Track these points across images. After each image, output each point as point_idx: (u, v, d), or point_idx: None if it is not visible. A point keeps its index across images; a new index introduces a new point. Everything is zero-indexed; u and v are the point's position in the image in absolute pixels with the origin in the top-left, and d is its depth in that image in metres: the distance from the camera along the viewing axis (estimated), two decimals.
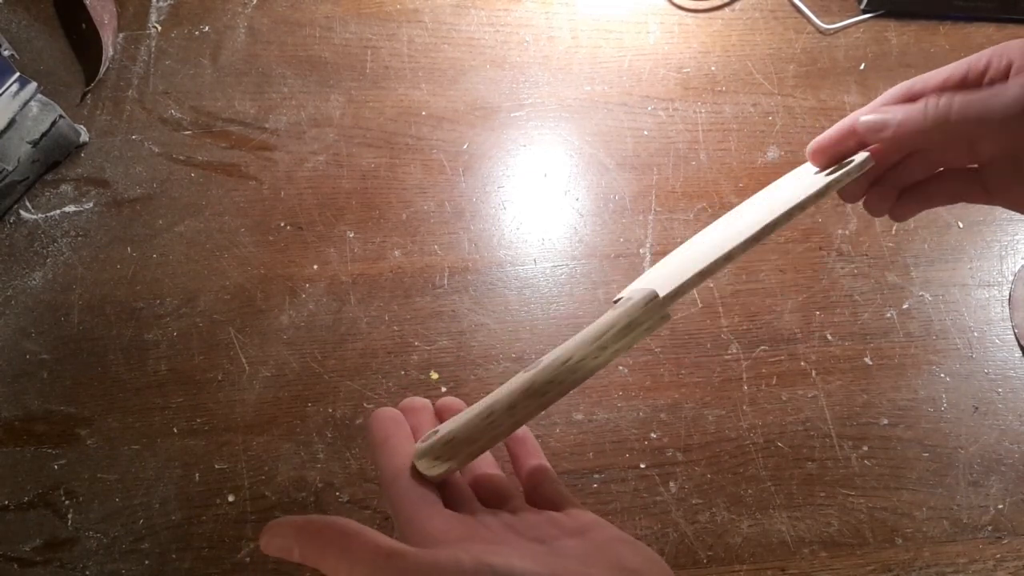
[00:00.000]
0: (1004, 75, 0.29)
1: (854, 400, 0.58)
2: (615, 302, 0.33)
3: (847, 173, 0.32)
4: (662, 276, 0.33)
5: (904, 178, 0.36)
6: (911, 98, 0.32)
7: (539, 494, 0.33)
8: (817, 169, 0.36)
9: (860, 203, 0.38)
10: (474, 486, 0.32)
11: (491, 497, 0.32)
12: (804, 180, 0.36)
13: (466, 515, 0.28)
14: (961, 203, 0.34)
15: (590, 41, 0.72)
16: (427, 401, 0.35)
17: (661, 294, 0.31)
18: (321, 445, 0.56)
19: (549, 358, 0.31)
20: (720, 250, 0.32)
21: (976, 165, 0.34)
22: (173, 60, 0.70)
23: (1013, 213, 0.64)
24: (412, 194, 0.65)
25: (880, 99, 0.33)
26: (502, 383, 0.32)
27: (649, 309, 0.31)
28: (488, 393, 0.32)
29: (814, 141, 0.36)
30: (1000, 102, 0.28)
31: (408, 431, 0.32)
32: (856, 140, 0.34)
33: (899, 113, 0.31)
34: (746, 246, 0.31)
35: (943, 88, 0.31)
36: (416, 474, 0.29)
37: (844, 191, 0.36)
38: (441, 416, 0.35)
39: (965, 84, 0.30)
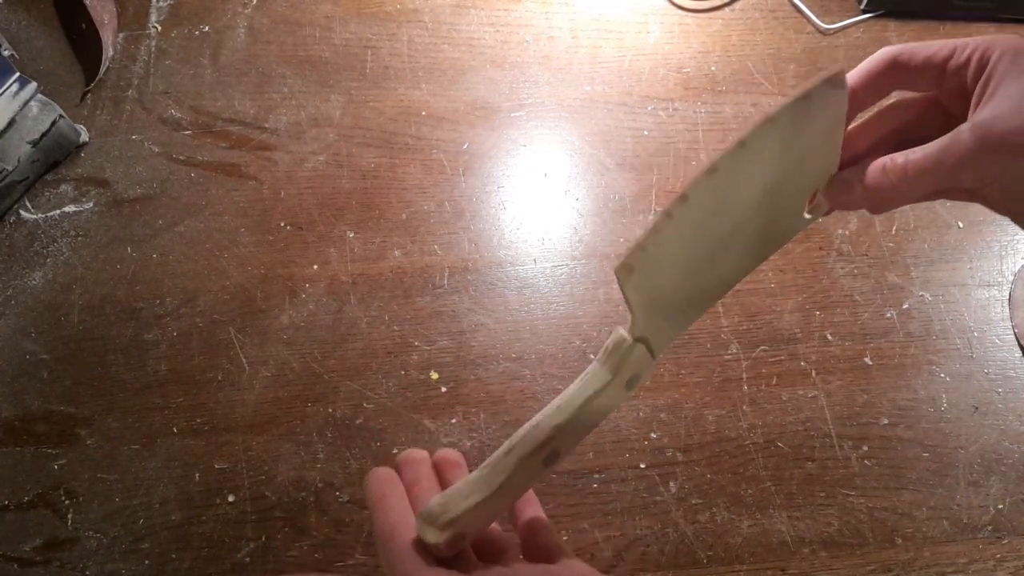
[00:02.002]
0: (977, 78, 0.29)
1: (854, 400, 0.58)
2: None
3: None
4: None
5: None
6: (896, 68, 0.32)
7: (534, 545, 0.33)
8: None
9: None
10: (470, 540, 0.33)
11: (486, 550, 0.33)
12: None
13: (460, 573, 0.29)
14: (957, 202, 0.34)
15: (590, 41, 0.72)
16: (425, 453, 0.36)
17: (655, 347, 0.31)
18: (321, 445, 0.56)
19: (548, 422, 0.31)
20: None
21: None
22: (173, 60, 0.70)
23: None
24: (412, 194, 0.65)
25: (865, 64, 0.32)
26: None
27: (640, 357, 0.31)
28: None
29: None
30: (953, 156, 0.28)
31: (402, 490, 0.33)
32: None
33: (861, 182, 0.31)
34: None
35: (927, 65, 0.31)
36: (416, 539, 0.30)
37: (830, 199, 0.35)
38: (440, 471, 0.35)
39: (944, 72, 0.30)
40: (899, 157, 0.30)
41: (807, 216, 0.33)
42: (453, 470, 0.35)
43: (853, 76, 0.32)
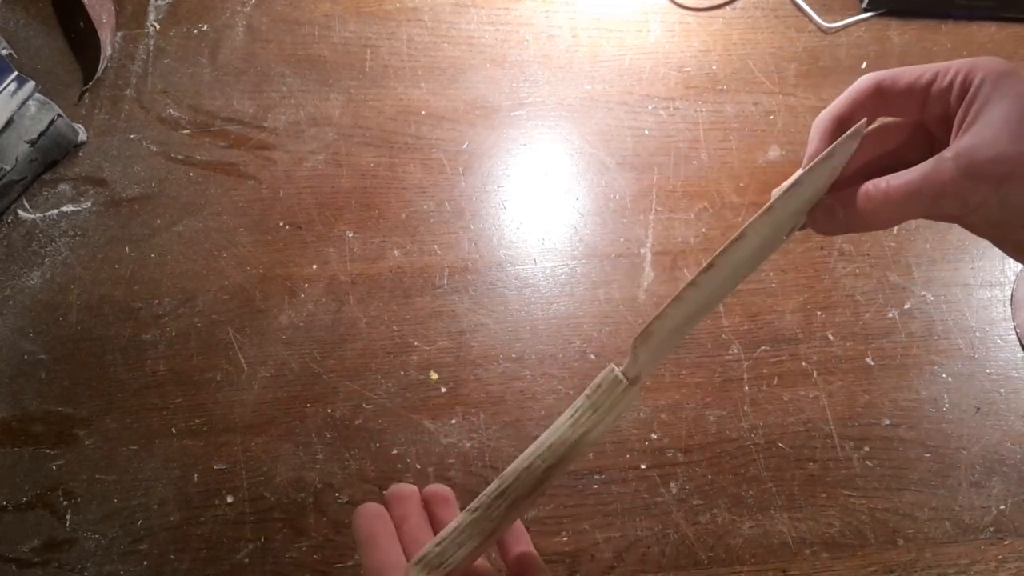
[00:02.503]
0: (960, 101, 0.29)
1: (856, 400, 0.58)
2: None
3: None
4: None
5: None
6: (880, 94, 0.31)
7: None
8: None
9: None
10: None
11: None
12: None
13: None
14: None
15: (590, 40, 0.72)
16: (414, 488, 0.36)
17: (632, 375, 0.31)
18: (320, 446, 0.56)
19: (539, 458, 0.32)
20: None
21: None
22: (171, 59, 0.70)
23: None
24: (412, 194, 0.65)
25: (849, 92, 0.32)
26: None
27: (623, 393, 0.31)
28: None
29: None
30: (934, 184, 0.28)
31: (392, 528, 0.34)
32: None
33: (843, 209, 0.31)
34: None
35: (910, 90, 0.30)
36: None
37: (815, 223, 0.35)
38: (430, 506, 0.36)
39: (928, 96, 0.30)
40: (881, 183, 0.29)
41: (783, 237, 0.33)
42: (443, 507, 0.36)
43: (837, 104, 0.32)
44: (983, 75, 0.28)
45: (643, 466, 0.56)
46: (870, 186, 0.30)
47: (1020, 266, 0.62)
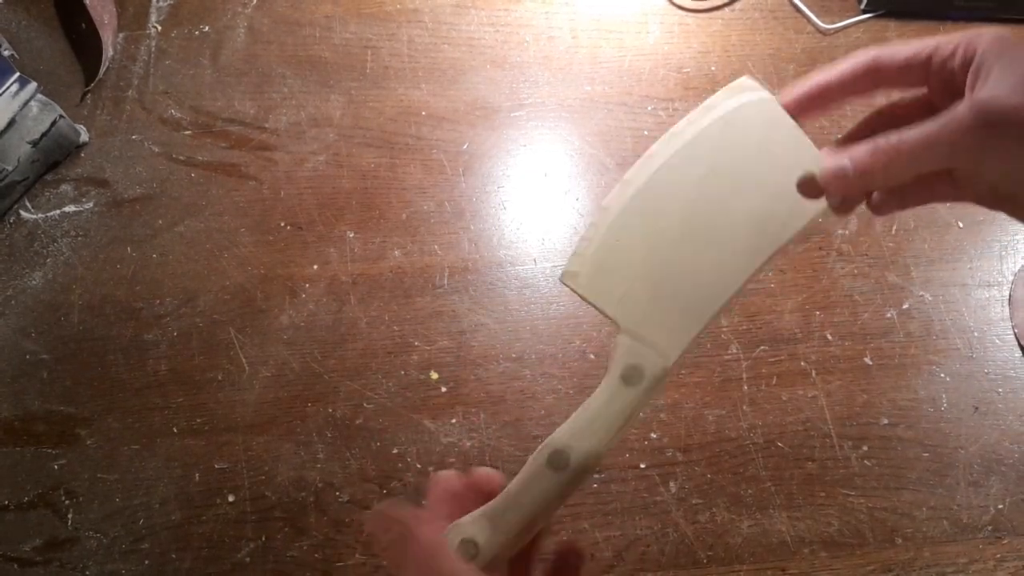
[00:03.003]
0: (965, 69, 0.28)
1: (854, 400, 0.58)
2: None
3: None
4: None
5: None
6: (876, 69, 0.31)
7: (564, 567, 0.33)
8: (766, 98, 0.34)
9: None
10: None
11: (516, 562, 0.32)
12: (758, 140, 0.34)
13: None
14: (958, 202, 0.34)
15: (590, 41, 0.72)
16: (455, 480, 0.33)
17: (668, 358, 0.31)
18: (321, 445, 0.56)
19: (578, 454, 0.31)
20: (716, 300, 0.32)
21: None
22: (173, 60, 0.70)
23: None
24: (412, 194, 0.65)
25: (845, 62, 0.32)
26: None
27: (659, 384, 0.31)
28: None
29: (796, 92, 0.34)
30: (950, 132, 0.28)
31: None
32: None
33: (851, 161, 0.30)
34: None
35: (909, 64, 0.30)
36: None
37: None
38: (479, 485, 0.33)
39: (929, 67, 0.30)
40: (892, 135, 0.29)
41: (809, 205, 0.33)
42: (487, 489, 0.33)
43: (830, 74, 0.32)
44: (987, 43, 0.28)
45: (642, 465, 0.56)
46: (880, 139, 0.29)
47: (1018, 266, 0.62)
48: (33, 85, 0.62)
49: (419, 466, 0.56)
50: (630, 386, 0.32)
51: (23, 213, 0.64)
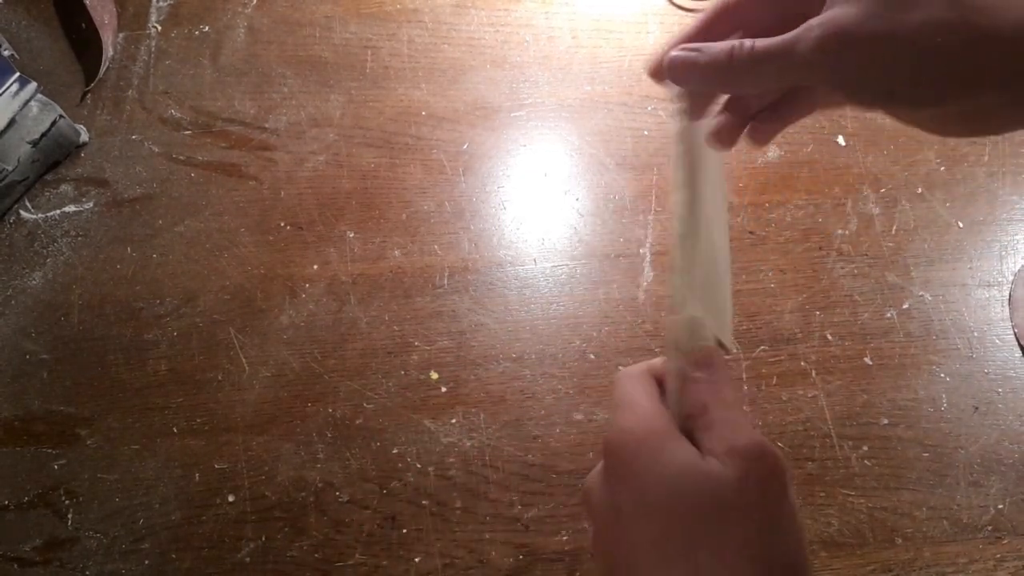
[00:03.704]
0: None
1: (854, 400, 0.58)
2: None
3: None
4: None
5: (751, 104, 0.34)
6: (733, 6, 0.31)
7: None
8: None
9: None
10: None
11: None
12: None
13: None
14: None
15: (590, 41, 0.72)
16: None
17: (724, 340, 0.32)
18: (321, 445, 0.56)
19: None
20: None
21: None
22: (173, 60, 0.70)
23: (1014, 213, 0.64)
24: (412, 194, 0.65)
25: (702, 13, 0.32)
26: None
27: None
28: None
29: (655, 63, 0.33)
30: (800, 49, 0.27)
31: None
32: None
33: (704, 51, 0.30)
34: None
35: None
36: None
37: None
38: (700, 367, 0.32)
39: None
40: (747, 41, 0.29)
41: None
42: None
43: (688, 27, 0.32)
44: None
45: None
46: (735, 42, 0.29)
47: (1018, 266, 0.62)
48: (33, 85, 0.62)
49: (419, 466, 0.56)
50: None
51: (23, 213, 0.64)
